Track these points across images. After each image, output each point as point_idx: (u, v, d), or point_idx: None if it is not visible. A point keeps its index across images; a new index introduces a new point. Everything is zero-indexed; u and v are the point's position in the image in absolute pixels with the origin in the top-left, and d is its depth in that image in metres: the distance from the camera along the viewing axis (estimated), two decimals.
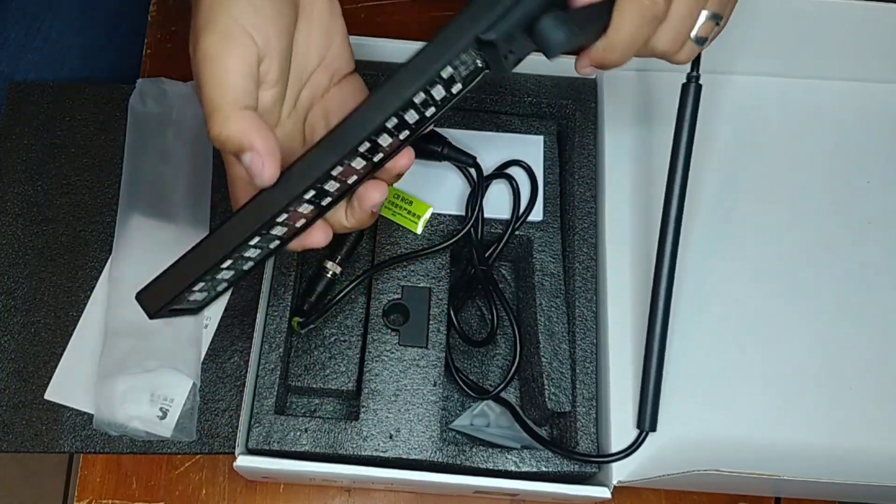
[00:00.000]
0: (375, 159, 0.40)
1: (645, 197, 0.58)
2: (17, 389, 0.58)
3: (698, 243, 0.58)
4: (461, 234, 0.55)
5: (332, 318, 0.55)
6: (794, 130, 0.62)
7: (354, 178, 0.41)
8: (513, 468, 0.51)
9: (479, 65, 0.41)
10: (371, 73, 0.59)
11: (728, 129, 0.61)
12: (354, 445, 0.51)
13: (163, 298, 0.38)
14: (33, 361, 0.58)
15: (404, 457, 0.51)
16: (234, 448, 0.53)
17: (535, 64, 0.60)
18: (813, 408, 0.54)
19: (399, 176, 0.43)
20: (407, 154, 0.42)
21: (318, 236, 0.42)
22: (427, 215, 0.57)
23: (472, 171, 0.56)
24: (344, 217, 0.43)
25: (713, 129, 0.61)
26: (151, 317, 0.38)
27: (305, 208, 0.39)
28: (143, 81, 0.66)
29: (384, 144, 0.40)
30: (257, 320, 0.53)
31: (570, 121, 0.60)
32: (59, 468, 1.22)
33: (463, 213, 0.57)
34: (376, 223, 0.56)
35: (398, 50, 0.60)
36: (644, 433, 0.51)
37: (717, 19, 0.44)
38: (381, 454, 0.51)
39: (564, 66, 0.60)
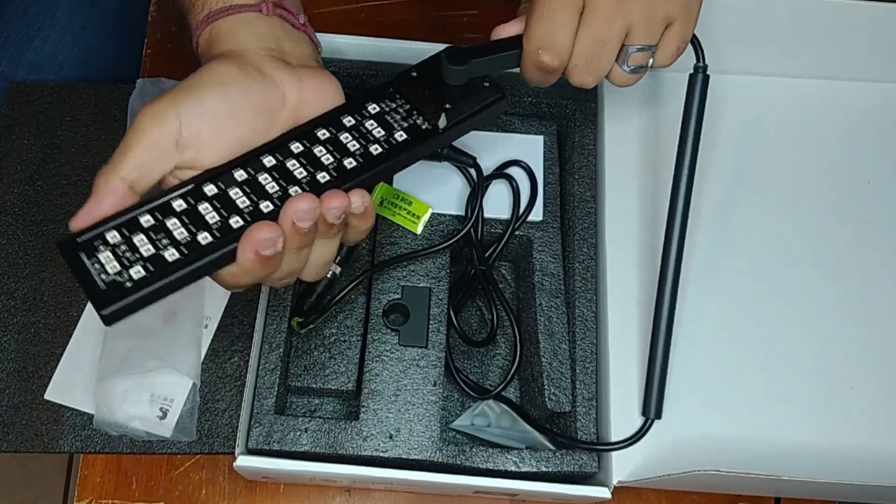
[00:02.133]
0: (299, 177, 0.43)
1: (645, 196, 0.58)
2: (17, 389, 0.58)
3: (698, 242, 0.57)
4: (461, 234, 0.55)
5: (332, 318, 0.55)
6: (794, 130, 0.62)
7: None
8: (513, 468, 0.51)
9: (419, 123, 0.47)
10: (371, 72, 0.59)
11: (728, 129, 0.61)
12: (354, 445, 0.51)
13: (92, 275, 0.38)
14: (33, 361, 0.58)
15: (404, 457, 0.51)
16: (234, 448, 0.53)
17: None
18: (813, 408, 0.54)
19: (337, 220, 0.42)
20: (358, 195, 0.42)
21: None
22: (427, 215, 0.57)
23: (472, 171, 0.56)
24: None
25: (713, 129, 0.61)
26: (99, 309, 0.38)
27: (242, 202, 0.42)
28: (143, 81, 0.66)
29: (307, 162, 0.44)
30: (257, 320, 0.53)
31: (570, 121, 0.60)
32: (59, 468, 1.22)
33: (463, 213, 0.57)
34: (377, 223, 0.57)
35: (398, 50, 0.60)
36: (650, 420, 0.51)
37: (648, 49, 0.46)
38: (381, 454, 0.50)
39: None
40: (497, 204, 0.57)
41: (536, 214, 0.57)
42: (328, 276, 0.55)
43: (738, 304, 0.56)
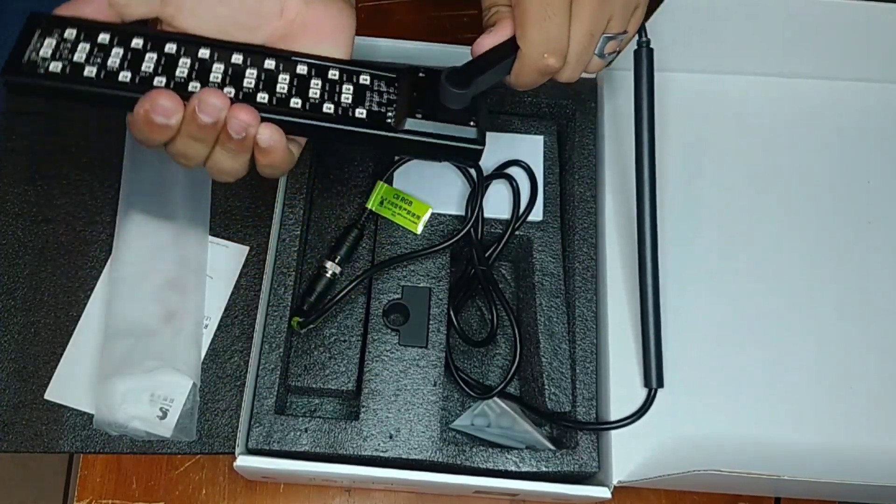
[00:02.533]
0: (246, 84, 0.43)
1: None
2: (17, 389, 0.58)
3: (698, 242, 0.58)
4: (461, 234, 0.55)
5: (332, 318, 0.55)
6: (793, 130, 0.62)
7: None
8: (513, 468, 0.51)
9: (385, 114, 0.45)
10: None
11: (726, 129, 0.61)
12: (354, 445, 0.51)
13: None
14: (33, 361, 0.58)
15: (404, 457, 0.51)
16: (234, 448, 0.53)
17: None
18: (813, 408, 0.54)
19: (239, 135, 0.42)
20: (269, 128, 0.42)
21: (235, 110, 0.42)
22: (427, 215, 0.57)
23: (472, 171, 0.56)
24: None
25: (712, 129, 0.61)
26: (4, 73, 0.40)
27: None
28: None
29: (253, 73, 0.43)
30: (257, 320, 0.53)
31: (570, 121, 0.60)
32: (59, 468, 1.22)
33: (463, 213, 0.57)
34: (376, 223, 0.57)
35: (398, 50, 0.60)
36: (653, 391, 0.51)
37: (620, 37, 0.46)
38: (381, 454, 0.51)
39: None
40: (497, 204, 0.57)
41: (536, 214, 0.57)
42: (328, 276, 0.55)
43: (738, 305, 0.56)
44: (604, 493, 0.50)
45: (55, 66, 0.41)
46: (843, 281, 0.57)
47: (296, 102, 0.43)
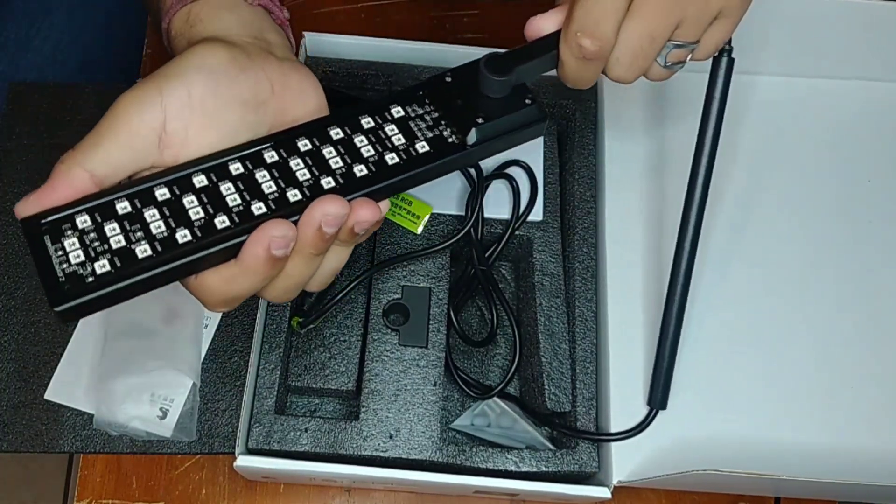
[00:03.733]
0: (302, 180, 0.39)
1: (646, 196, 0.58)
2: (17, 389, 0.58)
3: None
4: (461, 234, 0.55)
5: (332, 317, 0.55)
6: (794, 129, 0.62)
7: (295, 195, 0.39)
8: (513, 468, 0.51)
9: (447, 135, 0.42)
10: (370, 72, 0.59)
11: (727, 129, 0.61)
12: (354, 445, 0.51)
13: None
14: (33, 361, 0.58)
15: (404, 457, 0.51)
16: (234, 448, 0.53)
17: None
18: (813, 408, 0.54)
19: (363, 231, 0.40)
20: (369, 207, 0.39)
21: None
22: (427, 216, 0.57)
23: (472, 171, 0.56)
24: None
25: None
26: (53, 305, 0.33)
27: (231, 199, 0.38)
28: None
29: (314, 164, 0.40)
30: (257, 320, 0.53)
31: (570, 121, 0.60)
32: (59, 468, 1.22)
33: (463, 213, 0.57)
34: None
35: (398, 49, 0.60)
36: (654, 411, 0.51)
37: (689, 46, 0.42)
38: (381, 454, 0.51)
39: None
40: (497, 204, 0.57)
41: (536, 214, 0.57)
42: None
43: (738, 304, 0.56)
44: (604, 493, 0.50)
45: (102, 266, 0.34)
46: (843, 280, 0.57)
47: (360, 170, 0.40)
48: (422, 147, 0.41)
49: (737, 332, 0.55)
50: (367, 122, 0.42)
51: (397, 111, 0.43)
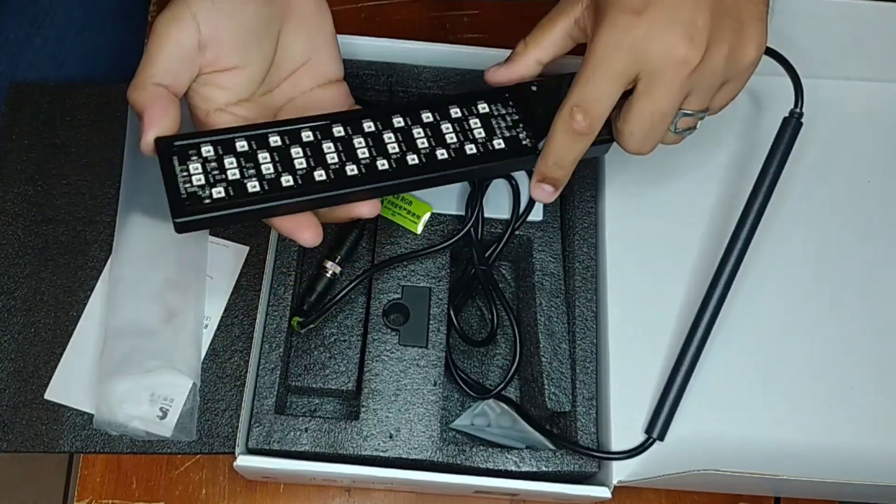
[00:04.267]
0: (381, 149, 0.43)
1: (645, 196, 0.58)
2: (17, 389, 0.57)
3: (694, 239, 0.57)
4: (461, 233, 0.55)
5: (332, 317, 0.55)
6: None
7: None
8: (513, 468, 0.51)
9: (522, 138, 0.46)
10: (370, 72, 0.59)
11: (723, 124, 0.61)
12: (354, 445, 0.51)
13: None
14: (33, 361, 0.58)
15: (404, 456, 0.51)
16: (234, 448, 0.53)
17: None
18: (813, 408, 0.54)
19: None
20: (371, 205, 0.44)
21: (364, 208, 0.43)
22: (427, 216, 0.56)
23: None
24: None
25: (715, 130, 0.61)
26: (174, 216, 0.39)
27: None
28: None
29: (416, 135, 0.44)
30: (257, 320, 0.52)
31: None
32: (59, 468, 1.22)
33: (463, 213, 0.57)
34: (376, 223, 0.57)
35: (398, 49, 0.60)
36: (651, 440, 0.51)
37: (699, 115, 0.44)
38: (381, 454, 0.51)
39: (563, 65, 0.60)
40: (497, 204, 0.57)
41: (536, 214, 0.57)
42: (328, 275, 0.55)
43: (737, 305, 0.56)
44: (604, 492, 0.50)
45: (218, 192, 0.40)
46: (843, 280, 0.57)
47: (441, 153, 0.44)
48: (498, 144, 0.45)
49: (736, 333, 0.55)
50: (454, 111, 0.46)
51: (483, 107, 0.46)
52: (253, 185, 0.41)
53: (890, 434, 0.53)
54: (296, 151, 0.42)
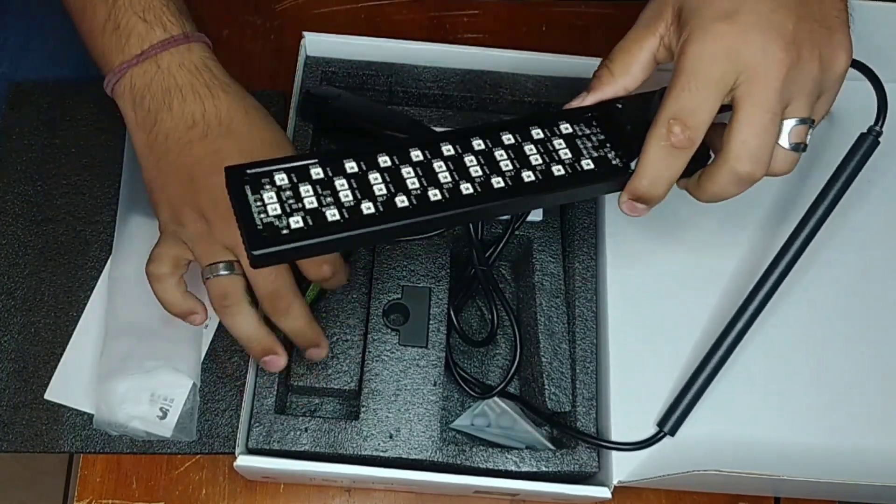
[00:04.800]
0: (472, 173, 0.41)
1: None
2: (17, 389, 0.57)
3: (693, 240, 0.57)
4: (460, 234, 0.55)
5: (333, 317, 0.55)
6: None
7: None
8: (513, 468, 0.51)
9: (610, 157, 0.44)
10: (370, 73, 0.59)
11: None
12: (354, 445, 0.50)
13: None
14: (33, 361, 0.58)
15: (404, 456, 0.51)
16: (234, 448, 0.53)
17: (534, 64, 0.60)
18: (813, 408, 0.53)
19: None
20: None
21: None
22: None
23: None
24: None
25: None
26: (253, 248, 0.37)
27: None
28: None
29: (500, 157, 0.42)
30: None
31: None
32: (59, 468, 1.21)
33: None
34: None
35: (398, 49, 0.60)
36: (662, 433, 0.50)
37: (808, 122, 0.42)
38: (381, 454, 0.50)
39: (564, 66, 0.60)
40: None
41: (536, 215, 0.57)
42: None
43: (736, 303, 0.56)
44: (604, 493, 0.50)
45: (296, 222, 0.38)
46: (842, 280, 0.57)
47: (528, 175, 0.42)
48: (587, 164, 0.43)
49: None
50: (536, 132, 0.44)
51: (565, 127, 0.44)
52: (332, 214, 0.38)
53: (890, 434, 0.53)
54: (374, 177, 0.40)
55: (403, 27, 0.71)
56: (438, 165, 0.41)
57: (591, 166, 0.43)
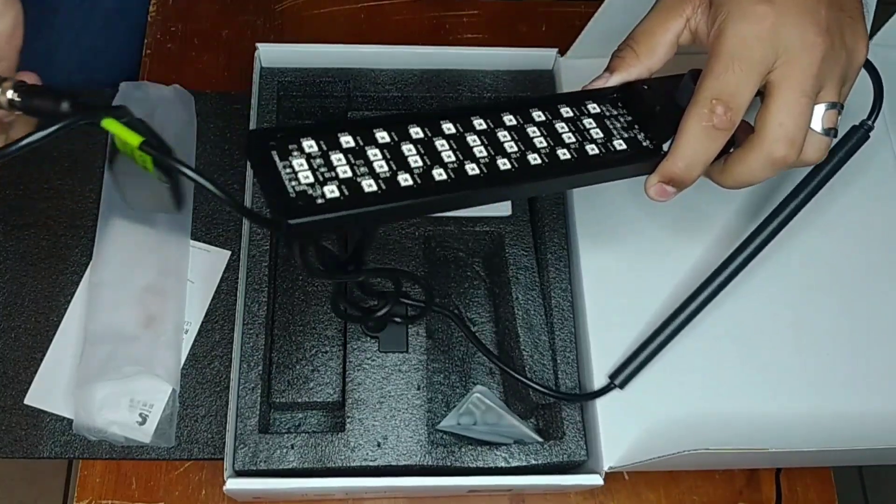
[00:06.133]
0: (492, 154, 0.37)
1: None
2: None
3: (673, 221, 0.52)
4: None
5: (311, 329, 0.47)
6: None
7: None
8: (503, 464, 0.43)
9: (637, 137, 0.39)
10: (327, 80, 0.52)
11: None
12: (342, 457, 0.42)
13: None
14: (13, 366, 0.49)
15: (394, 464, 0.42)
16: (213, 454, 0.46)
17: (492, 58, 0.53)
18: (794, 378, 0.48)
19: None
20: None
21: None
22: None
23: None
24: None
25: None
26: (288, 217, 0.31)
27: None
28: (126, 85, 0.55)
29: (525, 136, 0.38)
30: (234, 339, 0.44)
31: None
32: (59, 468, 1.13)
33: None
34: None
35: (354, 55, 0.52)
36: (613, 386, 0.46)
37: (838, 107, 0.39)
38: (370, 463, 0.42)
39: (521, 59, 0.54)
40: None
41: (505, 209, 0.49)
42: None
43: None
44: (595, 480, 0.43)
45: (331, 192, 0.32)
46: (813, 247, 0.51)
47: (563, 153, 0.37)
48: (619, 144, 0.38)
49: (714, 311, 0.49)
50: (565, 111, 0.39)
51: (593, 107, 0.39)
52: (369, 185, 0.33)
53: (871, 397, 0.49)
54: (408, 149, 0.35)
55: (403, 27, 0.61)
56: (472, 139, 0.36)
57: (624, 147, 0.38)
